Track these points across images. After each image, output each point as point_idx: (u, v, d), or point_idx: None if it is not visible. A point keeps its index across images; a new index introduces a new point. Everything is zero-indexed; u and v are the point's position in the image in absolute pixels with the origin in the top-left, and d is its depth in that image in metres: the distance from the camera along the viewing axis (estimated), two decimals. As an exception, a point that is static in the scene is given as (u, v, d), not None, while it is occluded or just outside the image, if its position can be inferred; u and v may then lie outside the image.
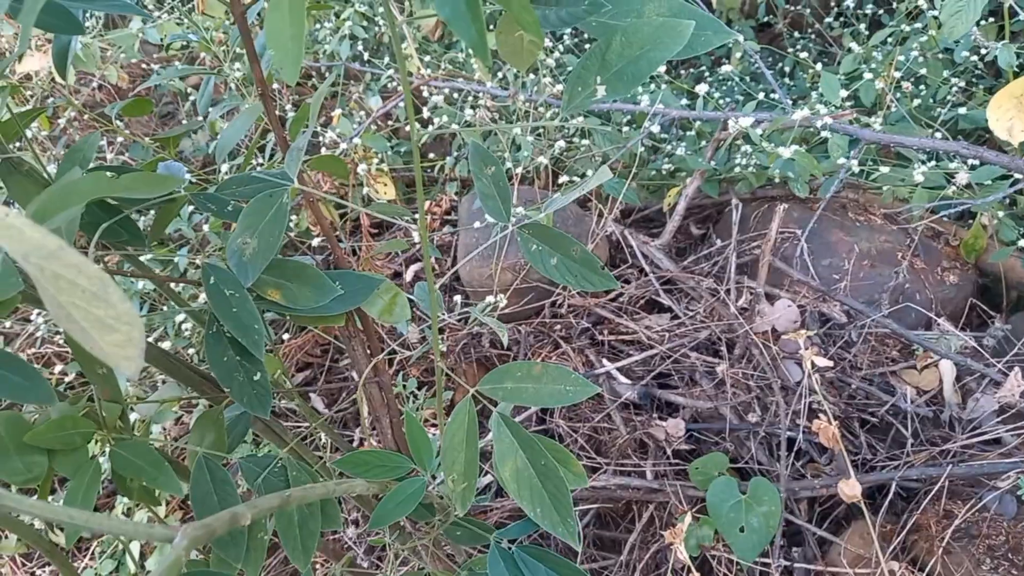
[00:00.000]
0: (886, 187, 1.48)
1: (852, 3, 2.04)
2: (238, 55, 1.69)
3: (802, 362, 1.39)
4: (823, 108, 1.43)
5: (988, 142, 1.63)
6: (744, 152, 1.51)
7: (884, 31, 1.62)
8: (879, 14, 2.28)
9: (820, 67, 1.68)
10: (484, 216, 1.54)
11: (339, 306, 0.74)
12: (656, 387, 1.46)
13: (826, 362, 1.26)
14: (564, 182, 1.51)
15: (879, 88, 1.59)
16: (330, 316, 0.76)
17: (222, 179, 1.69)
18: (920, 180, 1.33)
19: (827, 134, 1.30)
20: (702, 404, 1.39)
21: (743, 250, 1.60)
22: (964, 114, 1.58)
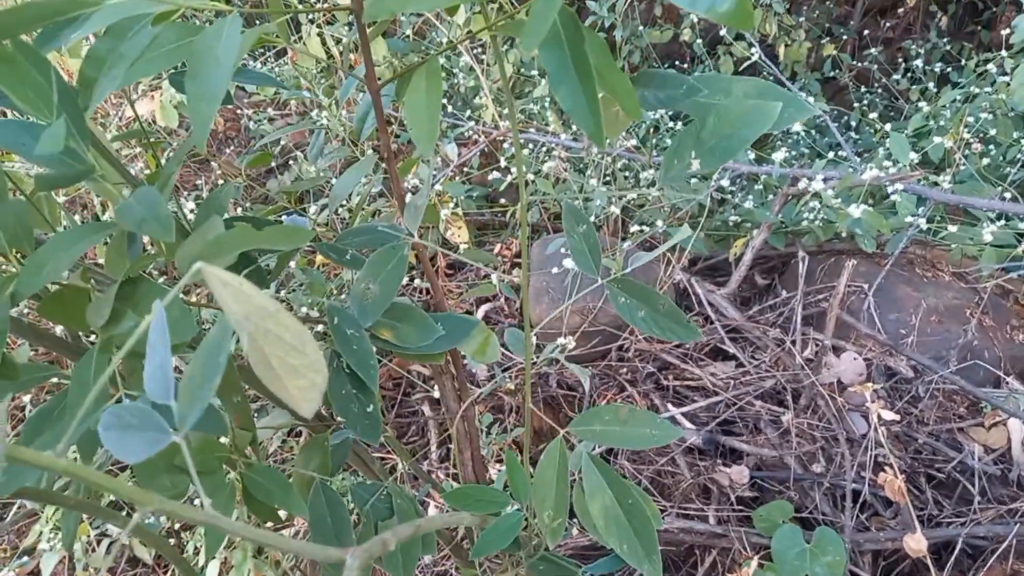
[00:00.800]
0: (954, 245, 1.50)
1: (921, 62, 2.08)
2: (326, 102, 1.83)
3: (868, 415, 1.41)
4: (891, 167, 1.47)
5: (1060, 202, 1.64)
6: (811, 207, 1.56)
7: (953, 92, 1.66)
8: (947, 71, 2.31)
9: (888, 126, 1.72)
10: (556, 261, 1.61)
11: (441, 345, 0.81)
12: (720, 433, 1.50)
13: (893, 415, 1.29)
14: (635, 231, 1.57)
15: (948, 146, 1.62)
16: (432, 355, 0.83)
17: (314, 217, 1.81)
18: (989, 240, 1.35)
19: (896, 197, 1.34)
20: (766, 452, 1.42)
21: (809, 302, 1.63)
22: (1034, 174, 1.60)
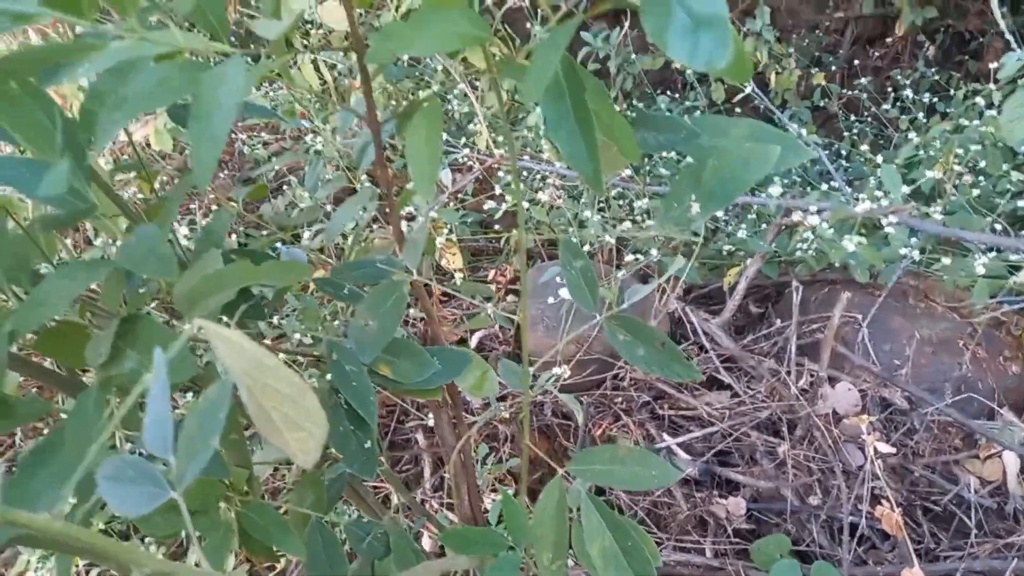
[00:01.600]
0: (947, 276, 1.52)
1: (910, 92, 2.11)
2: (321, 128, 1.83)
3: (864, 446, 1.41)
4: (882, 196, 1.48)
5: (1050, 232, 1.65)
6: (804, 238, 1.57)
7: (943, 124, 1.68)
8: (935, 101, 2.34)
9: (880, 158, 1.74)
10: (552, 289, 1.61)
11: (438, 380, 0.81)
12: (717, 464, 1.49)
13: (889, 448, 1.29)
14: (629, 260, 1.58)
15: (938, 177, 1.64)
16: (429, 390, 0.83)
17: (307, 243, 1.80)
18: (981, 272, 1.36)
19: (890, 229, 1.36)
20: (763, 484, 1.41)
21: (803, 331, 1.63)
22: (1024, 205, 1.61)
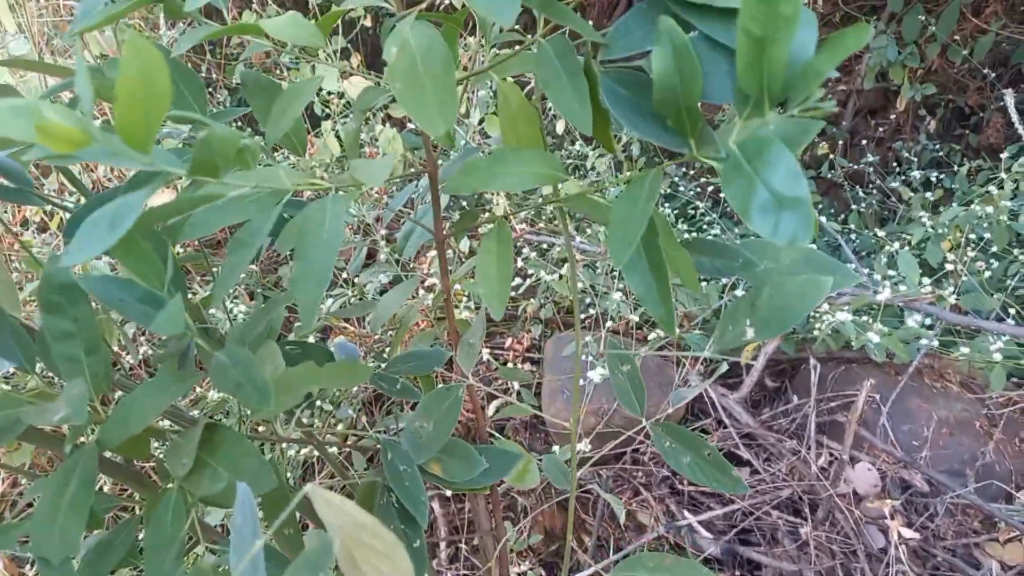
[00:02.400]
0: (963, 359, 1.55)
1: (918, 174, 2.17)
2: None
3: (886, 529, 1.42)
4: (894, 274, 1.52)
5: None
6: (823, 319, 1.60)
7: (953, 210, 1.73)
8: (941, 177, 2.41)
9: (884, 232, 1.78)
10: (571, 361, 1.64)
11: (487, 479, 0.83)
12: (738, 543, 1.50)
13: (913, 534, 1.30)
14: (653, 338, 1.61)
15: (950, 260, 1.69)
16: (478, 488, 0.85)
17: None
18: (998, 359, 1.39)
19: (911, 323, 1.39)
20: (786, 566, 1.42)
21: (821, 409, 1.66)
22: (1035, 287, 1.66)
